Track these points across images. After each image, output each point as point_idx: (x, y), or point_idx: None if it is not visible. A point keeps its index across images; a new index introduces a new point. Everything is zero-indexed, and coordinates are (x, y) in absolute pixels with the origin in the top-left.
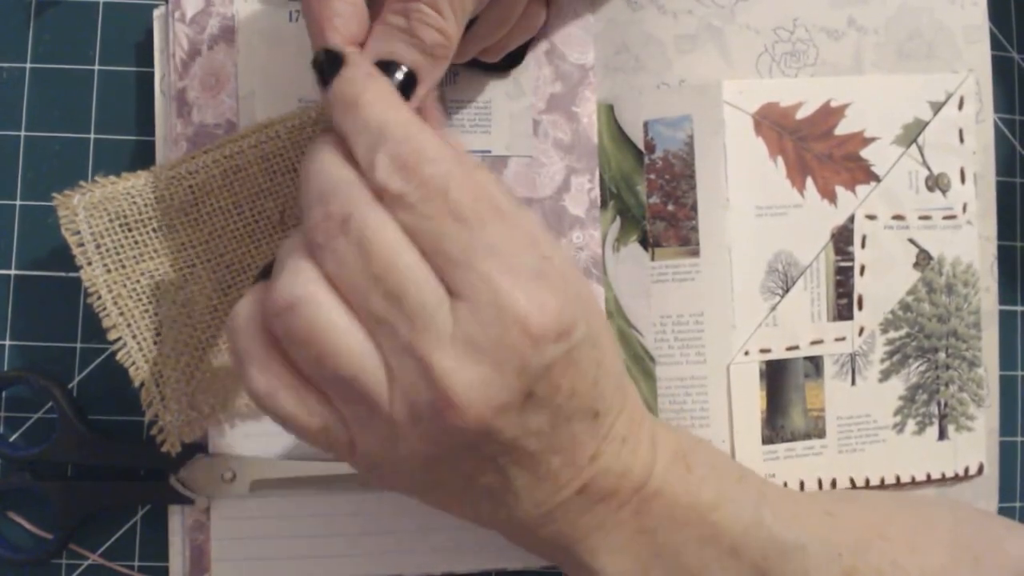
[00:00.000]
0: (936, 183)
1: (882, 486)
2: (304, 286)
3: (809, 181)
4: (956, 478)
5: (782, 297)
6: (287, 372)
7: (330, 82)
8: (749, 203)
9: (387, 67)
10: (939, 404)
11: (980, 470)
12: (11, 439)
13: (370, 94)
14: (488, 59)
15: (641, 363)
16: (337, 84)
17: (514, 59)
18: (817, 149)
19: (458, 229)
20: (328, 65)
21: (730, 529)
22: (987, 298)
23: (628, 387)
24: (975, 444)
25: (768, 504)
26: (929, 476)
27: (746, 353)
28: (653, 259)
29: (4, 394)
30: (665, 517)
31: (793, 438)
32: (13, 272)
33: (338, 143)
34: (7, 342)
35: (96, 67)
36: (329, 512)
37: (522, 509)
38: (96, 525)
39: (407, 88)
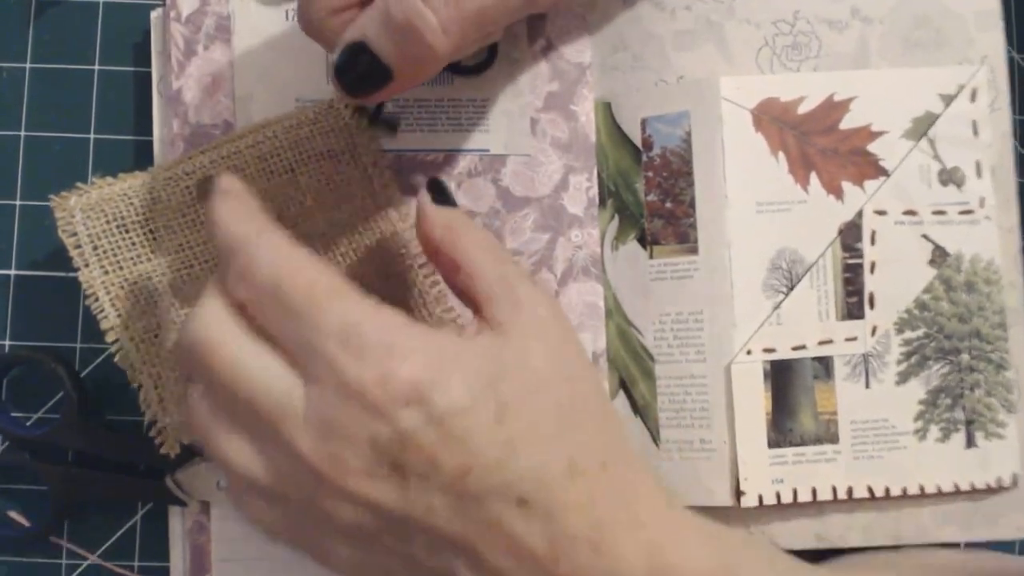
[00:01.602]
0: (950, 177)
1: (904, 496)
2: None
3: (813, 176)
4: (988, 490)
5: (786, 295)
6: None
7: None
8: (749, 199)
9: (357, 50)
10: (964, 409)
11: (1015, 482)
12: (17, 419)
13: (222, 211)
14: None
15: (640, 362)
16: (206, 210)
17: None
18: (821, 144)
19: (291, 322)
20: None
21: None
22: (1012, 293)
23: (606, 481)
24: (1007, 453)
25: None
26: (957, 487)
27: (748, 352)
28: (652, 257)
29: (13, 373)
30: None
31: (803, 442)
32: (13, 272)
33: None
34: (7, 342)
35: (96, 67)
36: None
37: None
38: (96, 525)
39: (379, 79)
